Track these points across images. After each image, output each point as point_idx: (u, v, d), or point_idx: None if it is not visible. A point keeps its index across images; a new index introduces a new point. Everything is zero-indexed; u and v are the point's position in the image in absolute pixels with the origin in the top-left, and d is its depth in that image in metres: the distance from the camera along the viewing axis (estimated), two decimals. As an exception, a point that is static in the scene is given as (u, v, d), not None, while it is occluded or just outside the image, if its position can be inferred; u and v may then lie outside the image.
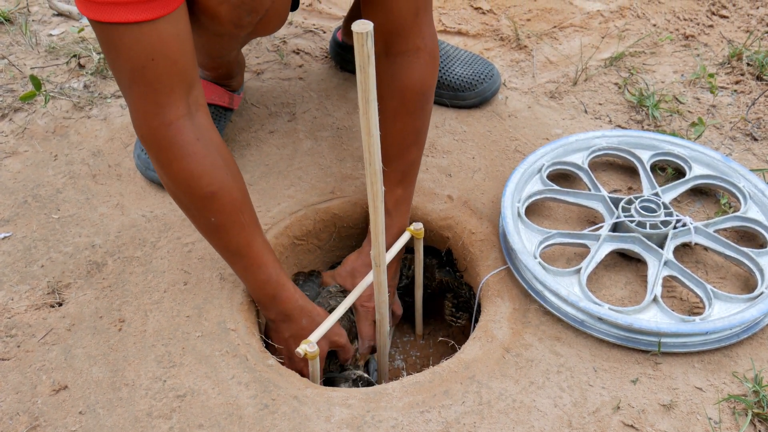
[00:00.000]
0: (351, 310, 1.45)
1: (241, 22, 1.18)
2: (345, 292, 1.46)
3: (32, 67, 1.95)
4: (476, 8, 2.17)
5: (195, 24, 1.17)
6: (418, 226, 1.39)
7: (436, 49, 1.33)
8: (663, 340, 1.23)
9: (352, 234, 1.59)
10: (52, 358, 1.26)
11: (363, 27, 0.89)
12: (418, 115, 1.35)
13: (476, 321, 1.39)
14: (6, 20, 2.13)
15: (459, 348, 1.31)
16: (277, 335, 1.35)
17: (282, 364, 1.31)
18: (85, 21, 2.15)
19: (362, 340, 1.44)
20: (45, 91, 1.82)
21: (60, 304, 1.36)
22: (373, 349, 1.48)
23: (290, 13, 2.11)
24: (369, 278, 1.32)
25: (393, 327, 1.62)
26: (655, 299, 1.28)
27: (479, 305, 1.41)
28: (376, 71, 1.31)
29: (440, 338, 1.64)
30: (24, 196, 1.57)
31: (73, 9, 2.18)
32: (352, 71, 1.89)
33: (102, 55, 1.94)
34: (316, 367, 1.26)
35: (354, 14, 1.83)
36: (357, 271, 1.45)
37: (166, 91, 1.09)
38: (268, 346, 1.36)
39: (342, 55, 1.89)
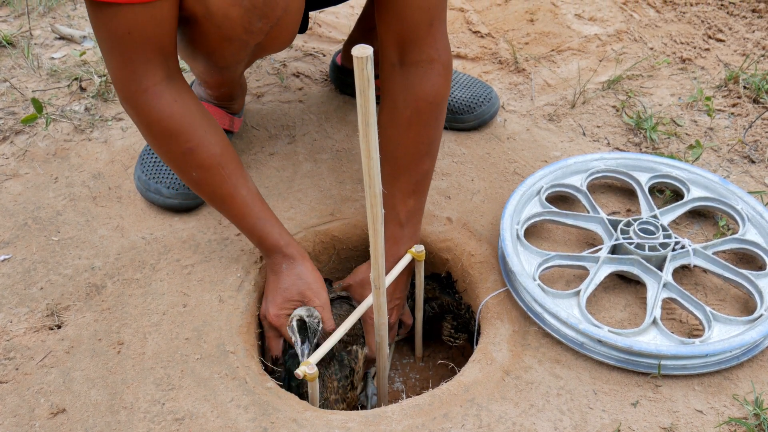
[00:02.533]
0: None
1: (252, 27, 1.20)
2: (348, 299, 1.46)
3: (34, 90, 1.97)
4: (475, 32, 2.19)
5: (204, 29, 1.20)
6: (419, 249, 1.39)
7: (449, 59, 1.35)
8: (663, 362, 1.23)
9: (351, 256, 1.59)
10: (51, 380, 1.26)
11: (363, 51, 0.90)
12: (431, 126, 1.36)
13: (476, 343, 1.39)
14: (8, 44, 2.15)
15: (459, 370, 1.30)
16: (266, 288, 1.40)
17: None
18: (86, 44, 2.17)
19: (370, 350, 1.44)
20: (46, 113, 1.83)
21: (59, 327, 1.36)
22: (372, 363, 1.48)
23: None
24: (369, 300, 1.32)
25: (393, 345, 1.62)
26: (654, 321, 1.28)
27: (479, 327, 1.41)
28: (390, 81, 1.35)
29: (440, 361, 1.63)
30: (24, 218, 1.57)
31: (75, 33, 2.21)
32: (352, 94, 1.91)
33: (103, 78, 1.96)
34: (315, 389, 1.25)
35: (354, 38, 1.85)
36: (367, 282, 1.45)
37: (142, 61, 1.18)
38: (267, 369, 1.35)
39: (341, 78, 1.91)
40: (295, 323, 1.31)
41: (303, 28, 1.71)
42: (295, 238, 1.52)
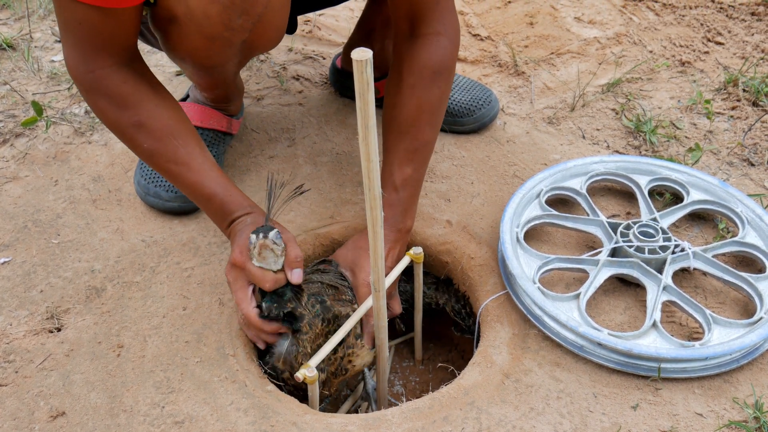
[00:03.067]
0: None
1: (232, 24, 1.20)
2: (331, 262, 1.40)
3: (34, 93, 1.97)
4: (474, 35, 2.20)
5: (186, 29, 1.20)
6: (417, 251, 1.39)
7: (457, 33, 1.40)
8: (663, 365, 1.23)
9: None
10: (50, 383, 1.26)
11: (362, 55, 0.90)
12: (434, 94, 1.38)
13: (476, 346, 1.38)
14: (9, 46, 2.15)
15: (458, 373, 1.30)
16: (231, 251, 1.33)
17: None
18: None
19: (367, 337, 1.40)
20: (46, 116, 1.83)
21: (59, 330, 1.36)
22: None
23: (290, 38, 2.14)
24: (369, 302, 1.32)
25: (392, 348, 1.62)
26: (654, 324, 1.28)
27: (479, 330, 1.41)
28: (399, 52, 1.39)
29: (440, 364, 1.63)
30: (24, 221, 1.57)
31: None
32: (352, 97, 1.91)
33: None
34: (315, 392, 1.25)
35: (354, 41, 1.85)
36: (360, 260, 1.38)
37: (91, 49, 1.21)
38: (267, 372, 1.35)
39: (341, 81, 1.91)
40: (254, 240, 1.18)
41: (291, 29, 1.71)
42: (298, 240, 1.52)
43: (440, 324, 1.67)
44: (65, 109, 1.89)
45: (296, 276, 1.20)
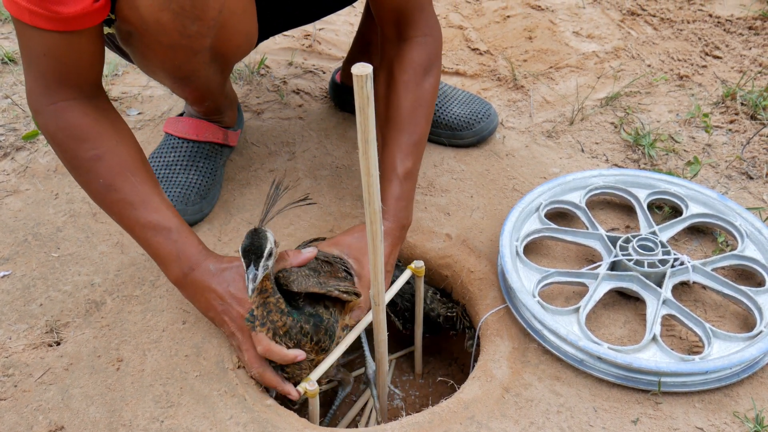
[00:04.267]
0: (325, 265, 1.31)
1: (188, 30, 1.20)
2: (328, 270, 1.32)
3: (35, 107, 1.97)
4: (474, 49, 2.21)
5: (146, 40, 1.21)
6: (419, 264, 1.40)
7: (440, 34, 1.48)
8: (663, 379, 1.23)
9: (351, 272, 1.59)
10: (49, 398, 1.26)
11: (362, 70, 0.91)
12: (426, 87, 1.44)
13: (475, 360, 1.38)
14: (10, 60, 2.16)
15: (458, 387, 1.30)
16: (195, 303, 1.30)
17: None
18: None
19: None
20: (47, 130, 1.84)
21: (58, 344, 1.36)
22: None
23: (290, 52, 2.15)
24: (369, 316, 1.32)
25: (393, 362, 1.62)
26: (654, 338, 1.28)
27: (478, 344, 1.41)
28: (387, 55, 1.45)
29: (439, 378, 1.63)
30: (24, 234, 1.57)
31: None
32: (351, 111, 1.92)
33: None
34: (315, 405, 1.25)
35: (353, 56, 1.86)
36: (361, 250, 1.35)
37: (54, 81, 1.21)
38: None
39: (341, 95, 1.92)
40: (242, 243, 1.15)
41: (267, 34, 1.72)
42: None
43: (440, 338, 1.67)
44: (66, 123, 1.90)
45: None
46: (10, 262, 1.51)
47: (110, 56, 2.16)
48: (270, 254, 1.15)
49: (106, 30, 1.37)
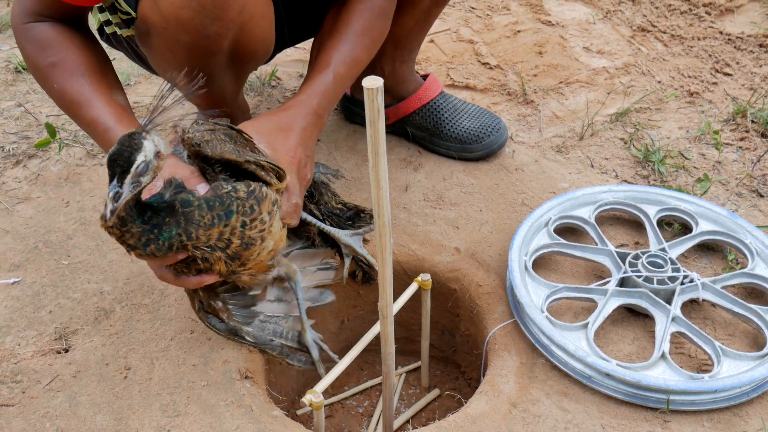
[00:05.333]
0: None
1: (207, 30, 1.22)
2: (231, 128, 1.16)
3: (48, 115, 1.99)
4: (484, 63, 2.22)
5: (163, 39, 1.22)
6: (425, 278, 1.40)
7: None
8: (672, 397, 1.22)
9: (359, 284, 1.59)
10: (57, 405, 1.26)
11: (373, 83, 0.92)
12: (377, 27, 1.44)
13: (483, 374, 1.38)
14: (24, 69, 2.18)
15: (465, 402, 1.30)
16: None
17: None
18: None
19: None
20: (59, 138, 1.85)
21: (66, 351, 1.36)
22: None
23: (302, 64, 2.16)
24: (376, 329, 1.32)
25: (401, 376, 1.61)
26: (663, 356, 1.28)
27: (486, 359, 1.40)
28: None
29: (446, 392, 1.62)
30: (35, 241, 1.58)
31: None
32: (361, 124, 1.92)
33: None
34: (321, 417, 1.25)
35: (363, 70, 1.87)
36: (279, 136, 1.26)
37: (39, 5, 1.27)
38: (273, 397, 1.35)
39: (350, 108, 1.92)
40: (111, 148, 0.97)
41: (276, 47, 1.73)
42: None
43: (447, 351, 1.66)
44: (78, 132, 1.91)
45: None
46: (20, 269, 1.52)
47: (123, 66, 2.18)
48: (144, 170, 0.96)
49: (125, 32, 1.39)
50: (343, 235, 1.37)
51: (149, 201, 1.05)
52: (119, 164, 0.94)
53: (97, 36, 1.42)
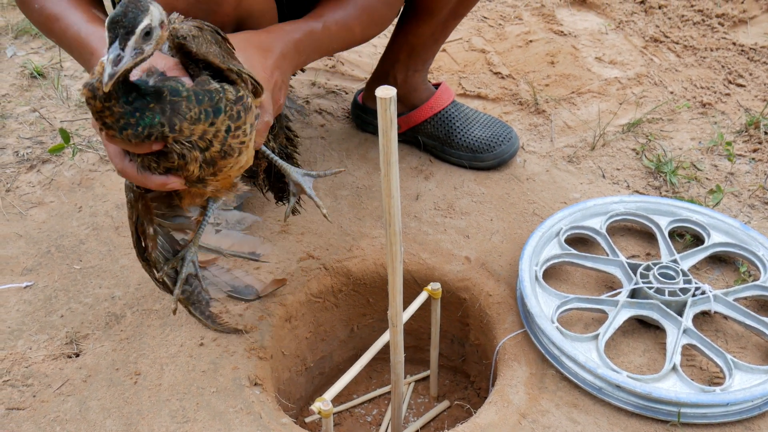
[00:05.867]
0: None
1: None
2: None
3: (62, 121, 2.01)
4: (496, 73, 2.22)
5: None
6: (435, 286, 1.39)
7: None
8: (683, 410, 1.21)
9: (368, 292, 1.60)
10: (67, 409, 1.26)
11: (386, 92, 0.92)
12: (379, 11, 1.42)
13: (492, 385, 1.38)
14: (39, 74, 2.20)
15: (474, 412, 1.29)
16: None
17: None
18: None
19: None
20: (73, 144, 1.87)
21: (77, 355, 1.37)
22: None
23: (314, 72, 2.17)
24: (385, 337, 1.32)
25: (410, 385, 1.61)
26: (674, 368, 1.27)
27: (495, 369, 1.40)
28: None
29: (456, 401, 1.62)
30: (48, 246, 1.59)
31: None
32: (372, 132, 1.93)
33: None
34: (329, 426, 1.25)
35: (375, 78, 1.87)
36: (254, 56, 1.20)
37: None
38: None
39: (362, 117, 1.93)
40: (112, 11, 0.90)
41: None
42: (313, 273, 1.52)
43: (457, 360, 1.66)
44: (92, 137, 1.93)
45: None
46: (33, 273, 1.53)
47: (137, 72, 2.19)
48: (148, 33, 0.89)
49: None
50: (293, 172, 1.30)
51: (136, 82, 0.97)
52: (123, 25, 0.86)
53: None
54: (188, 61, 1.04)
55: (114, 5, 1.40)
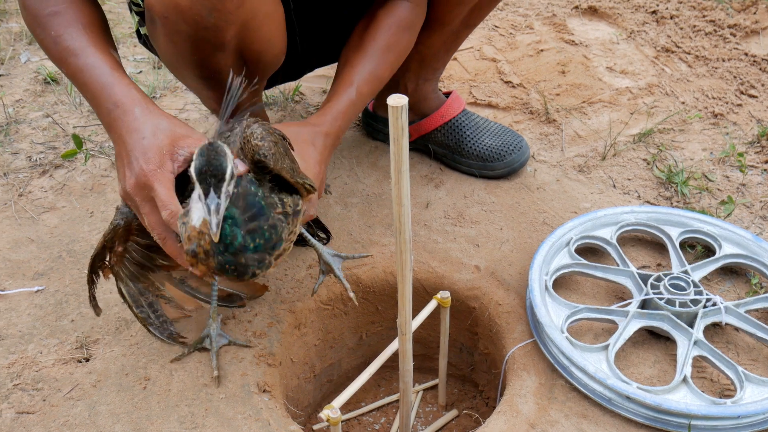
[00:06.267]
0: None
1: (204, 21, 1.20)
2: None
3: (75, 126, 2.02)
4: (506, 82, 2.22)
5: (166, 29, 1.22)
6: (444, 295, 1.39)
7: (425, 7, 1.55)
8: (693, 422, 1.20)
9: (377, 300, 1.60)
10: (77, 413, 1.27)
11: (398, 101, 0.92)
12: (403, 42, 1.49)
13: (501, 394, 1.37)
14: (52, 80, 2.22)
15: (483, 421, 1.29)
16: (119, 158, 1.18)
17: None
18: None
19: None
20: (86, 149, 1.88)
21: (87, 360, 1.37)
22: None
23: (326, 80, 2.17)
24: (394, 345, 1.32)
25: (419, 394, 1.61)
26: (684, 379, 1.26)
27: (504, 378, 1.39)
28: (376, 8, 1.48)
29: (464, 410, 1.61)
30: (59, 250, 1.60)
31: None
32: (382, 140, 1.93)
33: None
34: (338, 434, 1.25)
35: (387, 86, 1.88)
36: (306, 152, 1.29)
37: None
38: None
39: (372, 125, 1.93)
40: (194, 163, 0.96)
41: (298, 73, 1.75)
42: (321, 281, 1.52)
43: (465, 369, 1.65)
44: (104, 143, 1.94)
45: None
46: (44, 278, 1.54)
47: (149, 78, 2.21)
48: (232, 176, 0.98)
49: (144, 30, 1.40)
50: (325, 253, 1.39)
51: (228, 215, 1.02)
52: (212, 175, 0.94)
53: (137, 39, 1.44)
54: (258, 168, 1.08)
55: (131, 9, 1.41)
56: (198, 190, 0.96)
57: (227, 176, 0.95)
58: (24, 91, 2.19)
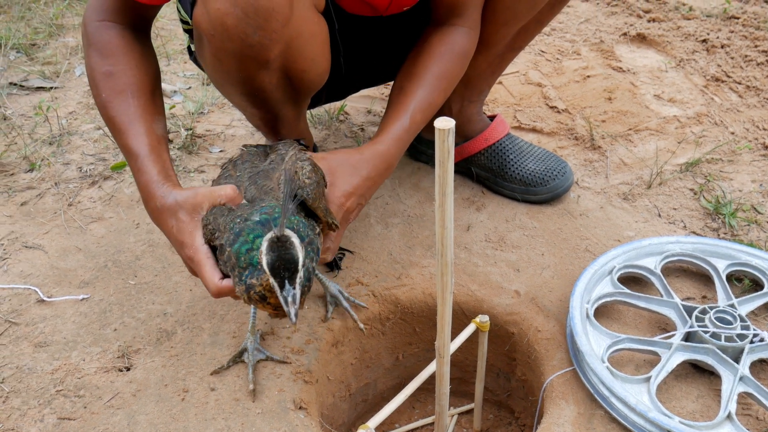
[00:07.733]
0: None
1: (249, 39, 1.22)
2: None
3: (125, 139, 2.07)
4: (552, 107, 2.21)
5: (212, 47, 1.25)
6: (483, 319, 1.38)
7: (479, 31, 1.56)
8: (737, 461, 1.17)
9: (415, 321, 1.59)
10: (116, 422, 1.29)
11: (445, 124, 0.93)
12: (456, 68, 1.50)
13: (538, 422, 1.35)
14: (106, 94, 2.28)
15: (519, 449, 1.27)
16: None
17: None
18: (176, 99, 2.28)
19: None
20: (134, 162, 1.92)
21: (128, 369, 1.39)
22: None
23: (369, 100, 2.19)
24: (431, 367, 1.31)
25: (454, 418, 1.60)
26: (729, 416, 1.23)
27: (541, 406, 1.37)
28: (431, 31, 1.51)
29: (499, 437, 1.59)
30: (105, 260, 1.64)
31: (167, 87, 2.33)
32: (425, 162, 1.94)
33: (189, 132, 2.05)
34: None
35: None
36: (343, 174, 1.33)
37: (111, 6, 1.33)
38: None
39: (416, 146, 1.94)
40: (265, 257, 0.99)
41: (342, 94, 1.77)
42: (361, 300, 1.53)
43: (502, 395, 1.64)
44: (152, 156, 1.98)
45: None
46: (89, 286, 1.57)
47: (197, 95, 2.26)
48: (303, 264, 1.01)
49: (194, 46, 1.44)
50: (331, 287, 1.50)
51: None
52: (285, 268, 0.98)
53: (188, 56, 1.48)
54: (295, 196, 1.12)
55: (183, 26, 1.45)
56: (272, 282, 1.00)
57: (300, 268, 0.99)
58: (77, 103, 2.25)
